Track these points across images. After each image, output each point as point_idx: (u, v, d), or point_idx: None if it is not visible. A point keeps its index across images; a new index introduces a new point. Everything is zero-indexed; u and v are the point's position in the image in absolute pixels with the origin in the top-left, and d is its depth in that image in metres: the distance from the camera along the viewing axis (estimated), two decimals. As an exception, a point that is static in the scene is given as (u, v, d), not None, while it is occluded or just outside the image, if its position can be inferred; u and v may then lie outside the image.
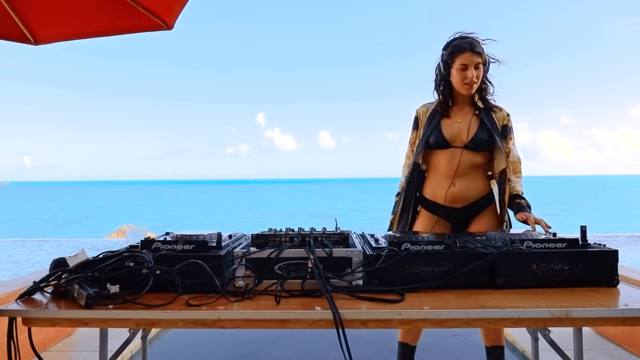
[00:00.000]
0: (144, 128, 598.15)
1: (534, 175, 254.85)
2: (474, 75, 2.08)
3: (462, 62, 2.07)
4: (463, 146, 2.16)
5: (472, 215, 2.22)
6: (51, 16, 2.21)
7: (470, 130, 2.17)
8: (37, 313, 1.20)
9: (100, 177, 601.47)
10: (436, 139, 2.18)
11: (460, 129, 2.18)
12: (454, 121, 2.20)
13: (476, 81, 2.11)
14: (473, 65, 2.07)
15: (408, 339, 2.28)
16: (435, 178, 2.23)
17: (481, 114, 2.19)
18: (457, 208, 2.20)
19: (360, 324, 1.20)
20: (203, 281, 1.32)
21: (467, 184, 2.19)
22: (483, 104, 2.21)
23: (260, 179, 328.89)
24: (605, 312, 1.18)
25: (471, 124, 2.18)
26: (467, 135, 2.16)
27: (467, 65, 2.07)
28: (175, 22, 2.21)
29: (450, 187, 2.19)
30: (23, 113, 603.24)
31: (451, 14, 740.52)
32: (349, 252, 1.41)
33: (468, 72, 2.07)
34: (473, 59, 2.07)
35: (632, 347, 2.88)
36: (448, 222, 2.23)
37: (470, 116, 2.19)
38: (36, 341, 1.28)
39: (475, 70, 2.09)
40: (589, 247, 1.44)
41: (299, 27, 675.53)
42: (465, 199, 2.20)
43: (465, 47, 2.08)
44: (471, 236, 1.76)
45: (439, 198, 2.21)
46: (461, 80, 2.10)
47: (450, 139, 2.17)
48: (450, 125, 2.19)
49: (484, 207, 2.22)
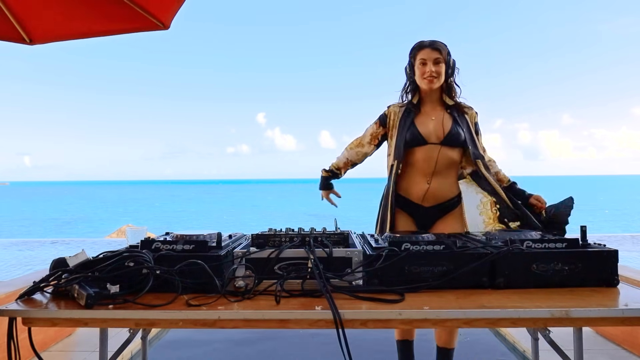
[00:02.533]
0: (144, 128, 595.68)
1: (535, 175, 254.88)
2: (432, 70, 2.17)
3: (422, 57, 2.19)
4: (439, 142, 2.20)
5: (438, 216, 2.26)
6: (46, 16, 2.21)
7: (445, 126, 2.22)
8: (37, 313, 1.20)
9: (100, 177, 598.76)
10: (412, 136, 2.21)
11: (435, 126, 2.22)
12: (427, 118, 2.25)
13: (436, 76, 2.19)
14: (432, 61, 2.18)
15: (407, 336, 2.29)
16: (411, 175, 2.26)
17: (452, 111, 2.27)
18: (426, 207, 2.24)
19: (360, 324, 1.20)
20: (203, 281, 1.32)
21: (441, 182, 2.24)
22: (451, 102, 2.29)
23: (260, 179, 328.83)
24: (605, 312, 1.18)
25: (444, 120, 2.24)
26: (443, 130, 2.21)
27: (426, 60, 2.18)
28: (172, 22, 2.21)
29: (426, 185, 2.22)
30: (23, 113, 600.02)
31: (451, 14, 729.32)
32: (349, 252, 1.41)
33: (427, 66, 2.18)
34: (431, 54, 2.18)
35: (632, 347, 2.88)
36: (413, 219, 2.27)
37: (443, 113, 2.26)
38: (36, 341, 1.28)
39: (435, 66, 2.18)
40: (589, 247, 1.44)
41: (299, 27, 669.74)
42: (437, 198, 2.24)
43: (424, 44, 2.21)
44: (471, 236, 1.76)
45: (413, 195, 2.25)
46: (421, 75, 2.21)
47: (427, 136, 2.21)
48: (424, 123, 2.24)
49: (451, 209, 2.26)
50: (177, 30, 30.45)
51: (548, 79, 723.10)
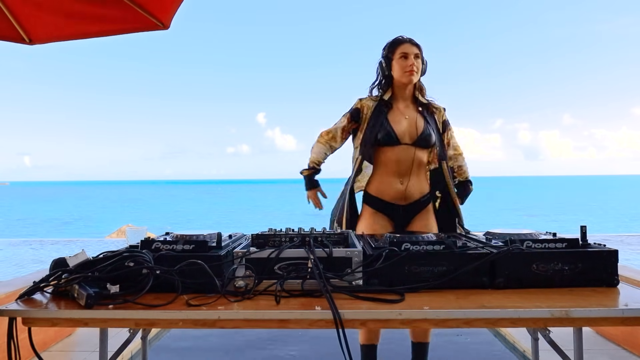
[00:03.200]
0: (144, 128, 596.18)
1: (535, 175, 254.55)
2: (414, 63, 2.19)
3: (403, 51, 2.20)
4: (412, 143, 2.21)
5: (413, 213, 2.28)
6: (46, 16, 2.21)
7: (418, 127, 2.23)
8: (37, 313, 1.20)
9: (100, 177, 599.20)
10: (386, 135, 2.20)
11: (408, 125, 2.23)
12: (401, 117, 2.25)
13: (416, 70, 2.21)
14: (412, 55, 2.19)
15: (373, 340, 2.30)
16: (383, 175, 2.26)
17: (424, 111, 2.28)
18: (401, 205, 2.26)
19: (360, 324, 1.20)
20: (203, 281, 1.32)
21: (414, 182, 2.26)
22: (423, 100, 2.31)
23: (260, 179, 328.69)
24: (605, 312, 1.18)
25: (417, 120, 2.25)
26: (416, 131, 2.22)
27: (407, 53, 2.20)
28: (172, 22, 2.21)
29: (399, 185, 2.24)
30: (23, 113, 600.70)
31: (451, 14, 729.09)
32: (349, 252, 1.41)
33: (408, 60, 2.19)
34: (412, 49, 2.20)
35: (632, 347, 2.88)
36: (390, 218, 2.27)
37: (415, 113, 2.27)
38: (36, 341, 1.28)
39: (415, 60, 2.20)
40: (589, 247, 1.44)
41: (299, 27, 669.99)
42: (410, 196, 2.26)
43: (404, 39, 2.24)
44: (471, 236, 1.76)
45: (386, 195, 2.25)
46: (402, 69, 2.20)
47: (400, 135, 2.21)
48: (398, 122, 2.23)
49: (425, 205, 2.29)
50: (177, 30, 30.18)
51: (548, 79, 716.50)
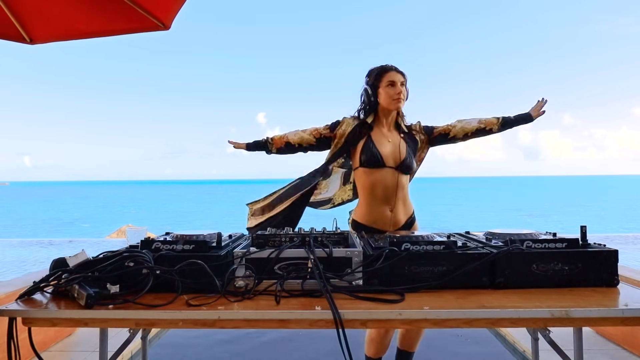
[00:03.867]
0: (144, 128, 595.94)
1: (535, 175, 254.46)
2: (402, 91, 2.18)
3: (390, 79, 2.19)
4: (396, 167, 2.19)
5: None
6: (47, 16, 2.21)
7: (401, 151, 2.22)
8: (37, 313, 1.20)
9: (100, 177, 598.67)
10: (372, 156, 2.17)
11: (392, 149, 2.21)
12: (384, 140, 2.23)
13: (403, 98, 2.21)
14: (399, 83, 2.19)
15: (381, 354, 2.29)
16: (371, 202, 2.21)
17: (405, 137, 2.27)
18: (390, 230, 2.23)
19: (360, 324, 1.20)
20: (203, 281, 1.32)
21: (401, 207, 2.24)
22: (405, 128, 2.30)
23: (261, 179, 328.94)
24: (605, 312, 1.18)
25: (400, 145, 2.24)
26: (400, 155, 2.20)
27: (395, 82, 2.18)
28: (173, 22, 2.20)
29: (388, 212, 2.21)
30: (23, 113, 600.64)
31: (451, 14, 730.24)
32: (349, 252, 1.41)
33: (396, 87, 2.18)
34: (398, 77, 2.20)
35: (632, 347, 2.88)
36: None
37: (399, 139, 2.25)
38: (36, 341, 1.28)
39: (402, 87, 2.20)
40: (589, 247, 1.44)
41: (299, 27, 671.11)
42: (398, 222, 2.24)
43: (390, 67, 2.22)
44: (471, 236, 1.76)
45: (377, 224, 2.21)
46: (390, 96, 2.18)
47: (385, 159, 2.18)
48: (382, 144, 2.22)
49: (409, 227, 2.28)
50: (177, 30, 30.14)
51: (548, 78, 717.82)
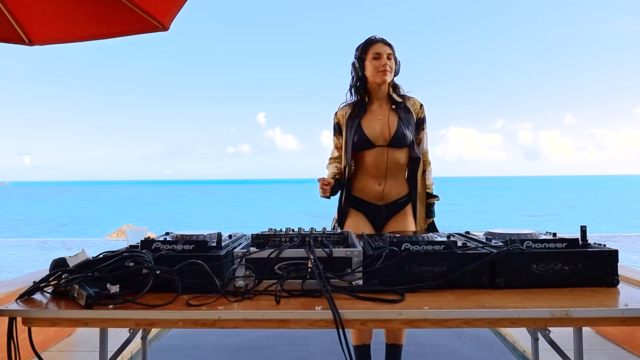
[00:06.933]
0: (144, 128, 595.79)
1: (536, 175, 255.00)
2: (387, 63, 2.20)
3: (375, 51, 2.22)
4: (387, 144, 2.23)
5: (392, 213, 2.32)
6: (46, 18, 2.21)
7: (391, 127, 2.24)
8: (37, 313, 1.20)
9: (100, 177, 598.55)
10: (360, 140, 2.24)
11: (381, 127, 2.24)
12: (374, 118, 2.27)
13: (389, 70, 2.22)
14: (385, 55, 2.21)
15: (365, 340, 2.32)
16: (363, 177, 2.31)
17: (398, 108, 2.28)
18: (379, 205, 2.30)
19: (360, 324, 1.20)
20: (203, 281, 1.32)
21: (392, 183, 2.29)
22: (398, 98, 2.31)
23: (261, 179, 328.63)
24: (605, 312, 1.18)
25: (390, 120, 2.25)
26: (389, 132, 2.23)
27: (380, 53, 2.21)
28: (172, 23, 2.21)
29: (377, 186, 2.28)
30: (23, 113, 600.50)
31: (451, 14, 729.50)
32: (349, 252, 1.41)
33: (381, 60, 2.20)
34: (384, 48, 2.22)
35: (632, 347, 2.88)
36: (370, 219, 2.32)
37: (388, 112, 2.27)
38: (36, 341, 1.28)
39: (388, 60, 2.21)
40: (589, 247, 1.44)
41: (299, 27, 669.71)
42: (388, 197, 2.29)
43: (376, 39, 2.25)
44: (471, 236, 1.76)
45: (366, 195, 2.31)
46: (375, 69, 2.21)
47: (374, 139, 2.23)
48: (371, 125, 2.26)
49: (403, 207, 2.32)
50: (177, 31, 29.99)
51: (548, 79, 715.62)
